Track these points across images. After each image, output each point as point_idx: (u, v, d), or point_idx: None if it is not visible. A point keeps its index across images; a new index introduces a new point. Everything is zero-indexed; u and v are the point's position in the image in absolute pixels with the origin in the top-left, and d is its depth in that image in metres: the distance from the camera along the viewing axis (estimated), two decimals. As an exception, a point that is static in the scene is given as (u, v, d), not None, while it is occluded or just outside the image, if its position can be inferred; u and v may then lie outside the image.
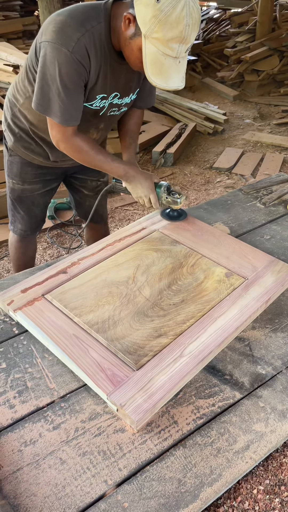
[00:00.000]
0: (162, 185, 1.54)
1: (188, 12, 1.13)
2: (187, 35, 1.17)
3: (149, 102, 1.70)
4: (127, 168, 1.52)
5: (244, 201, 1.87)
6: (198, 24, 1.18)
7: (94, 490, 0.89)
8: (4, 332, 1.24)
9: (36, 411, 1.03)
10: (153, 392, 1.02)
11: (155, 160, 4.12)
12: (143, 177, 1.52)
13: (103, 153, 1.49)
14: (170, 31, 1.14)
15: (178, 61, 1.22)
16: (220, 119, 4.88)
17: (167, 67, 1.21)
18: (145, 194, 1.53)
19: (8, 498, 0.87)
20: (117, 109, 1.54)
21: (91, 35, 1.26)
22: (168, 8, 1.12)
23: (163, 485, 0.90)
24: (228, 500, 0.93)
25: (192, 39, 1.19)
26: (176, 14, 1.13)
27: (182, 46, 1.18)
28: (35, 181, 1.74)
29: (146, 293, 1.30)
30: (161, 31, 1.14)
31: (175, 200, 1.54)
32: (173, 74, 1.23)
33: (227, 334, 1.18)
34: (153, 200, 1.54)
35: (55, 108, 1.33)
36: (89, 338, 1.16)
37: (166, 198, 1.55)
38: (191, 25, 1.15)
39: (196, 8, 1.16)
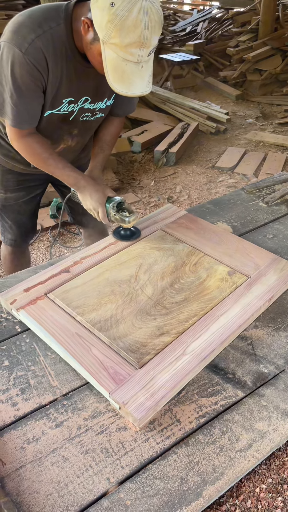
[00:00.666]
0: (112, 200, 1.45)
1: (146, 15, 1.06)
2: (147, 39, 1.09)
3: (128, 109, 1.61)
4: (79, 178, 1.46)
5: (247, 200, 1.87)
6: (159, 25, 1.11)
7: (96, 487, 0.89)
8: (6, 330, 1.24)
9: (38, 408, 1.03)
10: (156, 390, 1.02)
11: (157, 160, 4.12)
12: (94, 189, 1.45)
13: (55, 158, 1.43)
14: (128, 36, 1.07)
15: (141, 66, 1.15)
16: (223, 119, 4.88)
17: (129, 73, 1.15)
18: (94, 207, 1.46)
19: (11, 495, 0.87)
20: (90, 114, 1.47)
21: (49, 36, 1.20)
22: (123, 12, 1.05)
23: (165, 483, 0.90)
24: (231, 499, 0.93)
25: (154, 42, 1.12)
26: (133, 18, 1.05)
27: (143, 50, 1.11)
28: (17, 188, 1.70)
29: (148, 291, 1.30)
30: (118, 36, 1.08)
31: (123, 218, 1.44)
32: (136, 80, 1.17)
33: (229, 332, 1.17)
34: (101, 214, 1.46)
35: (8, 110, 1.28)
36: (92, 337, 1.16)
37: (114, 215, 1.45)
38: (150, 28, 1.08)
39: (155, 9, 1.08)
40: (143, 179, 3.90)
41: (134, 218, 1.45)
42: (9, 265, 1.98)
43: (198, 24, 7.42)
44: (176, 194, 3.66)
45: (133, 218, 1.45)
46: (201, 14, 7.85)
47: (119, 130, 1.66)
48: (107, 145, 1.61)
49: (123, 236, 1.51)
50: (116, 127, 1.63)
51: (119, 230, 1.52)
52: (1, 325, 1.26)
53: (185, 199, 3.58)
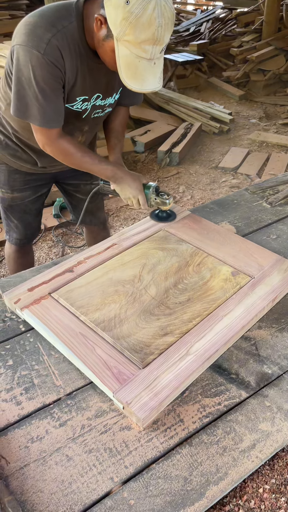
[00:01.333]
0: (150, 186, 1.52)
1: (160, 12, 1.09)
2: (160, 36, 1.12)
3: (136, 100, 1.64)
4: (115, 169, 1.49)
5: (251, 200, 1.87)
6: (171, 23, 1.14)
7: (100, 487, 0.89)
8: (11, 330, 1.24)
9: (42, 408, 1.04)
10: (159, 390, 1.02)
11: (161, 160, 4.12)
12: (132, 178, 1.50)
13: (90, 154, 1.46)
14: (142, 33, 1.10)
15: (153, 63, 1.18)
16: (226, 119, 4.87)
17: (142, 69, 1.17)
18: (134, 195, 1.50)
19: (15, 494, 0.87)
20: (101, 110, 1.50)
21: (63, 35, 1.22)
22: (138, 9, 1.07)
23: (169, 483, 0.90)
24: (234, 499, 0.93)
25: (167, 40, 1.15)
26: (147, 16, 1.08)
27: (156, 47, 1.14)
28: (24, 188, 1.71)
29: (152, 291, 1.30)
30: (132, 33, 1.10)
31: (163, 201, 1.53)
32: (149, 76, 1.19)
33: (233, 332, 1.17)
34: (142, 201, 1.51)
35: (34, 112, 1.29)
36: (95, 336, 1.16)
37: (155, 199, 1.53)
38: (163, 25, 1.11)
39: (168, 7, 1.11)
40: (146, 179, 3.90)
41: (173, 200, 1.56)
42: (13, 264, 1.98)
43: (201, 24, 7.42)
44: (179, 194, 3.66)
45: (172, 200, 1.55)
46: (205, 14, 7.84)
47: (127, 119, 1.70)
48: (121, 135, 1.66)
49: (161, 217, 1.61)
50: (125, 117, 1.67)
51: (156, 213, 1.62)
52: (5, 324, 1.26)
53: (188, 199, 3.58)
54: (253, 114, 5.39)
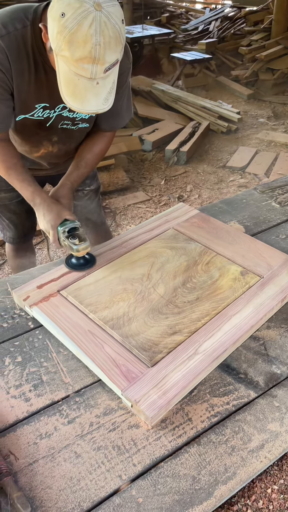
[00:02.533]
0: (64, 224, 1.33)
1: (99, 29, 0.98)
2: (99, 55, 1.01)
3: (115, 123, 1.48)
4: (35, 194, 1.37)
5: (259, 200, 1.86)
6: (115, 41, 1.02)
7: (108, 484, 0.89)
8: (19, 326, 1.25)
9: (51, 405, 1.04)
10: (168, 389, 1.02)
11: (168, 158, 4.12)
12: (48, 209, 1.34)
13: (18, 170, 1.36)
14: (77, 51, 1.00)
15: (96, 82, 1.06)
16: (234, 118, 4.85)
17: (82, 88, 1.07)
18: (45, 228, 1.36)
19: (24, 490, 0.88)
20: (71, 123, 1.40)
21: (14, 38, 1.15)
22: (72, 24, 0.97)
23: (177, 481, 0.90)
24: (243, 499, 0.93)
25: (109, 59, 1.03)
26: (82, 32, 0.98)
27: (97, 66, 1.03)
28: (10, 189, 1.60)
29: (160, 290, 1.30)
30: (67, 49, 1.00)
31: (71, 246, 1.32)
32: (90, 96, 1.08)
33: (242, 332, 1.17)
34: (52, 237, 1.36)
35: None
36: (104, 334, 1.16)
37: (64, 241, 1.34)
38: (102, 44, 1.00)
39: (111, 24, 1.00)
40: (153, 178, 3.90)
41: (85, 247, 1.33)
42: (13, 262, 1.99)
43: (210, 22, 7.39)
44: (187, 193, 3.66)
45: (83, 247, 1.32)
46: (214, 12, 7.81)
47: (103, 148, 1.54)
48: (85, 163, 1.49)
49: (74, 264, 1.38)
50: (98, 145, 1.51)
51: (70, 257, 1.41)
52: (14, 321, 1.27)
53: (195, 198, 3.58)
54: (261, 113, 5.36)
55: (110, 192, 3.61)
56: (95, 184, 1.85)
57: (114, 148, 3.86)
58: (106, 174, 3.65)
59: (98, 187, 1.88)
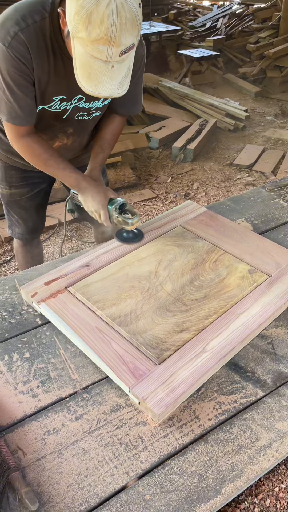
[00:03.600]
0: (115, 202, 1.40)
1: (116, 10, 0.98)
2: (115, 36, 1.01)
3: (133, 109, 1.54)
4: (80, 179, 1.41)
5: (267, 198, 1.85)
6: (132, 24, 1.02)
7: (116, 481, 0.89)
8: (27, 323, 1.25)
9: (59, 401, 1.04)
10: (175, 386, 1.02)
11: (175, 156, 4.11)
12: (96, 191, 1.40)
13: (56, 159, 1.39)
14: (94, 31, 1.00)
15: (111, 66, 1.06)
16: (241, 116, 4.83)
17: (97, 71, 1.07)
18: (96, 209, 1.41)
19: (31, 485, 0.88)
20: (86, 113, 1.42)
21: (33, 30, 1.16)
22: (89, 4, 0.98)
23: (184, 479, 0.90)
24: (250, 497, 0.93)
25: (125, 42, 1.03)
26: (99, 12, 0.98)
27: (113, 48, 1.03)
28: (21, 184, 1.67)
29: (168, 288, 1.30)
30: (84, 30, 1.01)
31: (125, 220, 1.40)
32: (105, 80, 1.09)
33: (249, 331, 1.17)
34: (103, 217, 1.40)
35: (2, 106, 1.25)
36: (112, 331, 1.16)
37: (117, 217, 1.41)
38: (119, 24, 1.00)
39: (128, 6, 1.00)
40: (160, 175, 3.89)
41: (137, 220, 1.41)
42: (21, 258, 1.99)
43: (218, 19, 7.35)
44: (193, 191, 3.65)
45: (136, 220, 1.41)
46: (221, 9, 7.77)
47: (121, 129, 1.60)
48: (108, 144, 1.54)
49: (126, 238, 1.47)
50: (118, 126, 1.56)
51: (121, 232, 1.48)
52: (21, 317, 1.27)
53: (202, 196, 3.57)
54: (269, 111, 5.33)
55: (116, 189, 3.61)
56: (105, 179, 1.83)
57: (120, 145, 3.86)
58: (113, 171, 3.65)
59: (106, 183, 1.86)
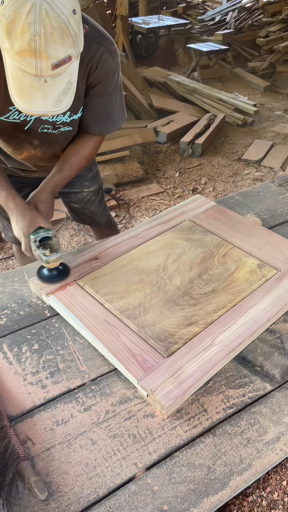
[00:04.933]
0: (37, 232, 1.23)
1: (39, 18, 0.86)
2: (40, 48, 0.88)
3: (105, 128, 1.37)
4: (9, 198, 1.27)
5: (277, 193, 1.84)
6: (61, 33, 0.89)
7: (124, 472, 0.90)
8: (36, 314, 1.26)
9: (67, 392, 1.05)
10: (184, 379, 1.02)
11: (183, 151, 4.09)
12: (21, 215, 1.24)
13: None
14: (16, 42, 0.89)
15: (43, 80, 0.94)
16: (250, 111, 4.79)
17: (27, 86, 0.95)
18: (17, 235, 1.26)
19: (41, 474, 0.89)
20: (52, 127, 1.29)
21: None
22: (9, 12, 0.86)
23: (192, 471, 0.90)
24: (257, 490, 0.93)
25: (55, 54, 0.91)
26: (19, 20, 0.86)
27: (41, 61, 0.90)
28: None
29: (176, 281, 1.30)
30: (6, 40, 0.90)
31: (41, 256, 1.22)
32: (37, 96, 0.97)
33: (258, 325, 1.16)
34: (23, 246, 1.26)
35: None
36: (120, 324, 1.17)
37: (34, 251, 1.24)
38: (42, 34, 0.87)
39: (54, 13, 0.87)
40: (168, 170, 3.88)
41: (55, 259, 1.23)
42: (21, 261, 1.97)
43: (227, 13, 7.28)
44: (201, 186, 3.63)
45: (54, 258, 1.23)
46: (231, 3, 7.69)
47: (90, 152, 1.42)
48: (69, 166, 1.38)
49: (45, 276, 1.30)
50: (86, 149, 1.40)
51: (41, 268, 1.32)
52: (30, 309, 1.28)
53: (210, 191, 3.55)
54: (278, 106, 5.29)
55: (124, 183, 3.61)
56: (96, 185, 1.77)
57: (128, 140, 3.85)
58: (121, 165, 3.65)
59: (99, 188, 1.81)
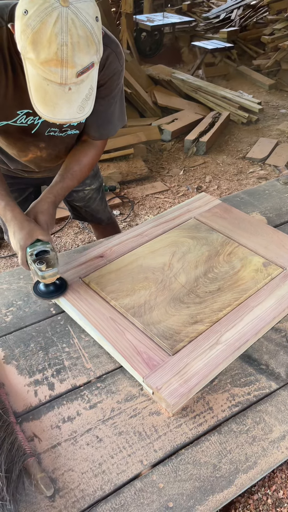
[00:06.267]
0: (34, 246, 1.18)
1: (65, 27, 0.87)
2: (67, 57, 0.89)
3: (105, 132, 1.36)
4: (7, 209, 1.24)
5: (282, 191, 1.84)
6: (86, 41, 0.90)
7: (130, 469, 0.90)
8: (42, 312, 1.26)
9: (73, 389, 1.05)
10: (189, 377, 1.03)
11: (187, 149, 4.09)
12: (19, 227, 1.20)
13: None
14: (42, 52, 0.89)
15: (68, 88, 0.94)
16: (255, 109, 4.78)
17: (52, 94, 0.95)
18: (14, 247, 1.23)
19: (47, 471, 0.89)
20: (58, 130, 1.30)
21: None
22: (35, 22, 0.87)
23: (198, 469, 0.90)
24: (263, 488, 0.93)
25: (80, 62, 0.91)
26: (46, 31, 0.87)
27: (67, 70, 0.91)
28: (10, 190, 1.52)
29: (182, 279, 1.30)
30: (32, 51, 0.90)
31: (36, 271, 1.17)
32: (62, 104, 0.97)
33: (264, 323, 1.16)
34: (20, 259, 1.22)
35: None
36: (126, 322, 1.17)
37: (30, 265, 1.19)
38: (69, 44, 0.88)
39: (80, 22, 0.88)
40: (172, 168, 3.88)
41: (51, 274, 1.18)
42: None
43: (232, 11, 7.24)
44: (206, 184, 3.63)
45: (49, 274, 1.18)
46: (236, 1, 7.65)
47: (94, 158, 1.41)
48: (71, 175, 1.36)
49: (41, 292, 1.26)
50: (88, 156, 1.39)
51: (37, 283, 1.28)
52: (36, 306, 1.28)
53: (214, 189, 3.55)
54: (283, 104, 5.27)
55: (128, 181, 3.61)
56: (97, 182, 1.78)
57: (133, 138, 3.84)
58: (125, 163, 3.64)
59: (100, 185, 1.81)
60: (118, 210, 3.24)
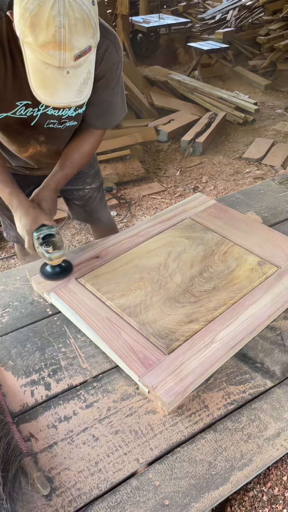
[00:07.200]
0: (40, 230, 1.24)
1: (63, 10, 0.88)
2: (65, 39, 0.91)
3: (108, 122, 1.39)
4: (12, 196, 1.28)
5: (277, 191, 1.85)
6: (83, 24, 0.92)
7: (126, 467, 0.91)
8: (38, 312, 1.27)
9: (69, 389, 1.06)
10: (184, 376, 1.03)
11: (184, 149, 4.10)
12: (25, 213, 1.25)
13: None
14: (41, 35, 0.90)
15: (66, 72, 0.96)
16: (251, 109, 4.80)
17: (51, 78, 0.97)
18: (21, 232, 1.27)
19: (43, 470, 0.90)
20: (57, 121, 1.31)
21: None
22: (33, 6, 0.89)
23: (193, 466, 0.91)
24: (258, 485, 0.94)
25: (78, 44, 0.93)
26: (44, 13, 0.88)
27: (65, 53, 0.92)
28: None
29: (177, 279, 1.31)
30: (30, 34, 0.91)
31: (43, 253, 1.23)
32: (60, 87, 0.98)
33: (259, 322, 1.17)
34: (27, 243, 1.26)
35: None
36: (121, 322, 1.17)
37: (37, 248, 1.25)
38: (67, 26, 0.90)
39: (77, 5, 0.90)
40: (169, 169, 3.89)
41: (58, 256, 1.24)
42: (23, 260, 1.98)
43: (228, 12, 7.27)
44: (202, 185, 3.64)
45: (56, 255, 1.23)
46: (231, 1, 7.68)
47: (93, 147, 1.44)
48: (71, 163, 1.39)
49: (46, 273, 1.31)
50: (87, 144, 1.41)
51: (44, 264, 1.33)
52: (32, 307, 1.29)
53: (211, 189, 3.56)
54: (279, 104, 5.29)
55: (125, 182, 3.61)
56: (97, 182, 1.79)
57: (129, 139, 3.85)
58: (122, 164, 3.65)
59: (100, 184, 1.82)
60: (115, 211, 3.25)
